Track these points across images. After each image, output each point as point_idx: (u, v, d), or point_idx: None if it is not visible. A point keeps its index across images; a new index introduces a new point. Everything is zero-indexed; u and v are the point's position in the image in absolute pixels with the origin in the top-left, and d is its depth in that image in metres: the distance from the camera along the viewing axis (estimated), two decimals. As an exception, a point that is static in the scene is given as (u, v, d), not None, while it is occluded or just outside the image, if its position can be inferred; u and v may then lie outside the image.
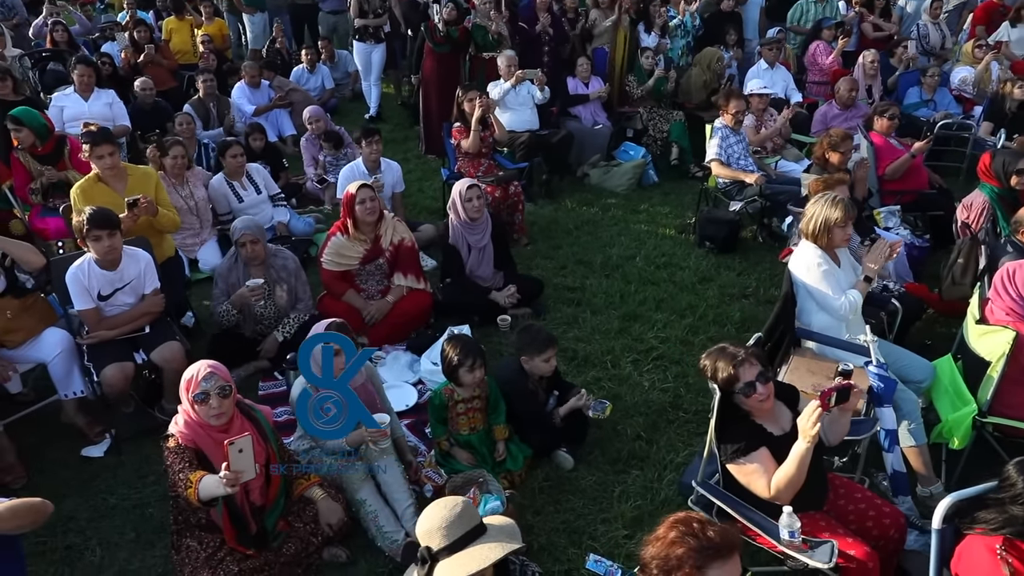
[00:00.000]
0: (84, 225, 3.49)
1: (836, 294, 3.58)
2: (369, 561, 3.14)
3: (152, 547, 3.23)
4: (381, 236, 4.51)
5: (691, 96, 7.33)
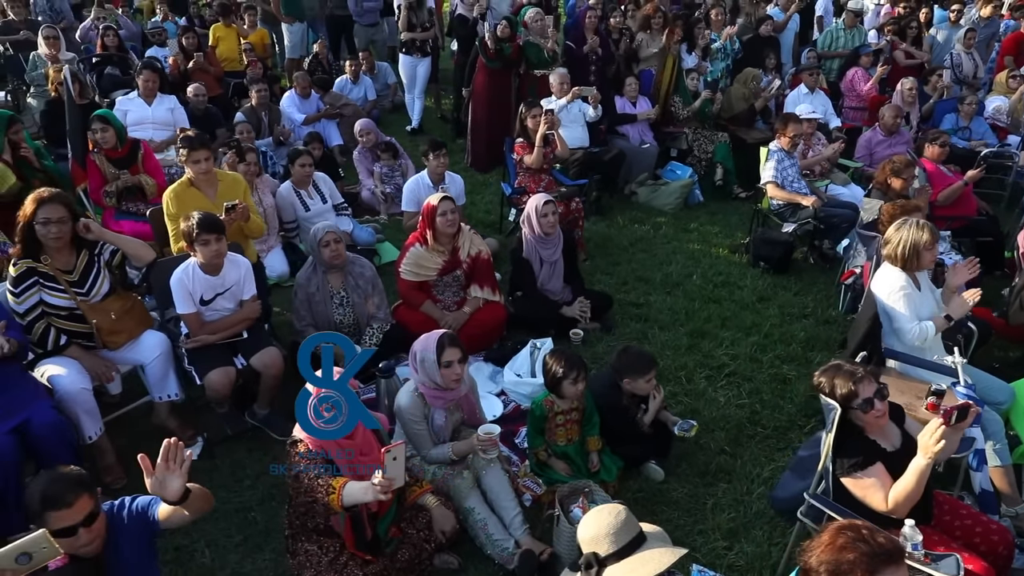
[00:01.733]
0: (193, 229, 3.55)
1: (911, 319, 3.70)
2: (478, 568, 3.20)
3: (260, 550, 3.28)
4: (459, 248, 4.58)
5: (732, 108, 7.45)
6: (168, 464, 2.20)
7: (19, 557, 1.81)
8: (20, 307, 3.43)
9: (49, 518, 2.16)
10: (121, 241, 3.63)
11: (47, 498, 2.17)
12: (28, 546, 1.82)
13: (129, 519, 2.41)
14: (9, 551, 1.82)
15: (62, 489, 2.19)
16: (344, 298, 4.28)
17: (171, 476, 2.20)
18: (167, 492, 2.22)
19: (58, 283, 3.49)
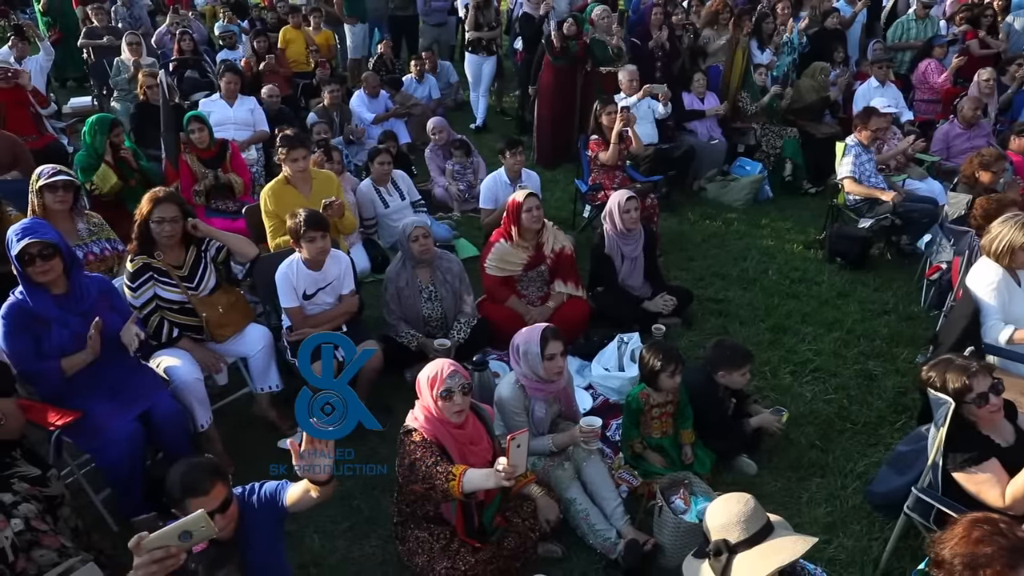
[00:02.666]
0: (300, 226, 3.67)
1: (995, 317, 3.65)
2: (580, 557, 3.26)
3: (367, 537, 3.38)
4: (544, 243, 4.64)
5: (803, 101, 7.37)
6: (315, 446, 2.30)
7: (181, 535, 1.92)
8: (137, 301, 3.59)
9: (189, 504, 2.27)
10: (227, 238, 3.76)
11: (187, 485, 2.29)
12: (189, 525, 1.93)
13: (259, 504, 2.51)
14: (172, 529, 1.93)
15: (200, 477, 2.31)
16: (432, 292, 4.37)
17: (320, 456, 2.30)
18: (316, 474, 2.30)
19: (170, 278, 3.64)
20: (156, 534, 1.92)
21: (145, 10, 9.73)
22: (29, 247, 3.08)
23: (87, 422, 3.15)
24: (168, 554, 1.93)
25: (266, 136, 6.55)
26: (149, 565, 1.91)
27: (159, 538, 1.91)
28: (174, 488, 2.31)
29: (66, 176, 4.02)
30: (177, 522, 1.95)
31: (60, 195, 3.99)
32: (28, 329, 3.16)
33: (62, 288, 3.23)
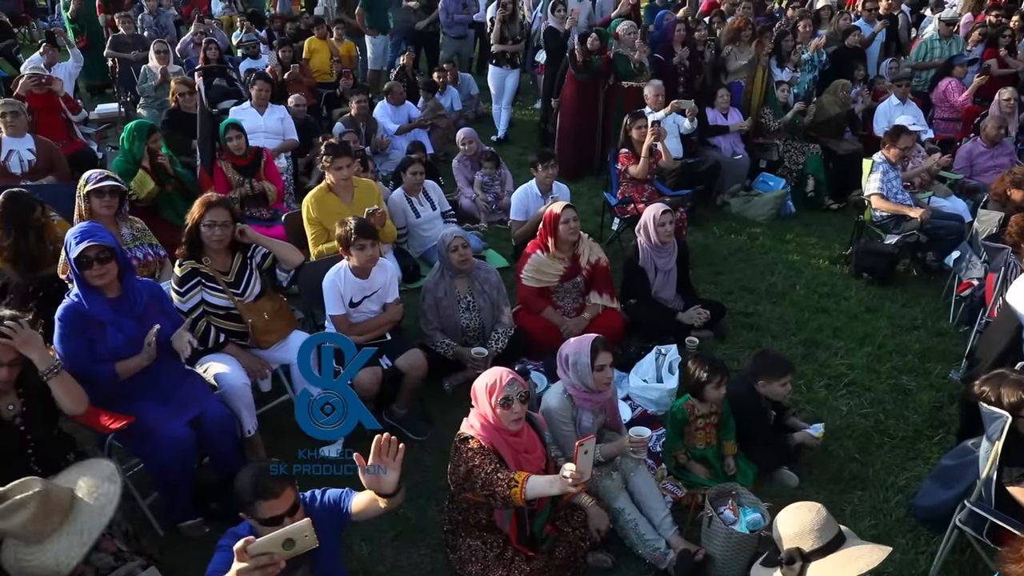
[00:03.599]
0: (351, 234, 3.69)
1: None
2: (630, 567, 3.26)
3: (415, 546, 3.38)
4: (580, 255, 4.67)
5: (825, 115, 7.42)
6: (382, 459, 2.31)
7: (285, 543, 1.94)
8: (184, 305, 3.61)
9: (259, 507, 2.29)
10: (273, 244, 3.79)
11: (258, 489, 2.30)
12: (293, 533, 1.95)
13: (321, 510, 2.52)
14: (277, 536, 1.94)
15: (270, 481, 2.32)
16: (471, 302, 4.39)
17: (387, 470, 2.31)
18: (383, 485, 2.32)
19: (217, 283, 3.66)
20: (261, 541, 1.93)
21: (171, 19, 9.82)
22: (87, 250, 3.11)
23: (139, 426, 3.16)
24: (271, 561, 1.94)
25: (295, 145, 6.59)
26: (252, 572, 1.92)
27: (264, 545, 1.92)
28: (244, 491, 2.32)
29: (113, 182, 4.06)
30: (281, 530, 1.97)
31: (107, 200, 4.02)
32: (83, 332, 3.18)
33: (116, 292, 3.25)
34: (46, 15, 13.77)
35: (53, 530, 2.38)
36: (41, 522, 2.36)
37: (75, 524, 2.41)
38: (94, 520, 2.42)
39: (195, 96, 6.31)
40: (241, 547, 1.93)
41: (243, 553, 1.93)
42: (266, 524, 2.30)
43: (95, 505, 2.47)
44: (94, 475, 2.56)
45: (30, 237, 4.25)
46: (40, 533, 2.36)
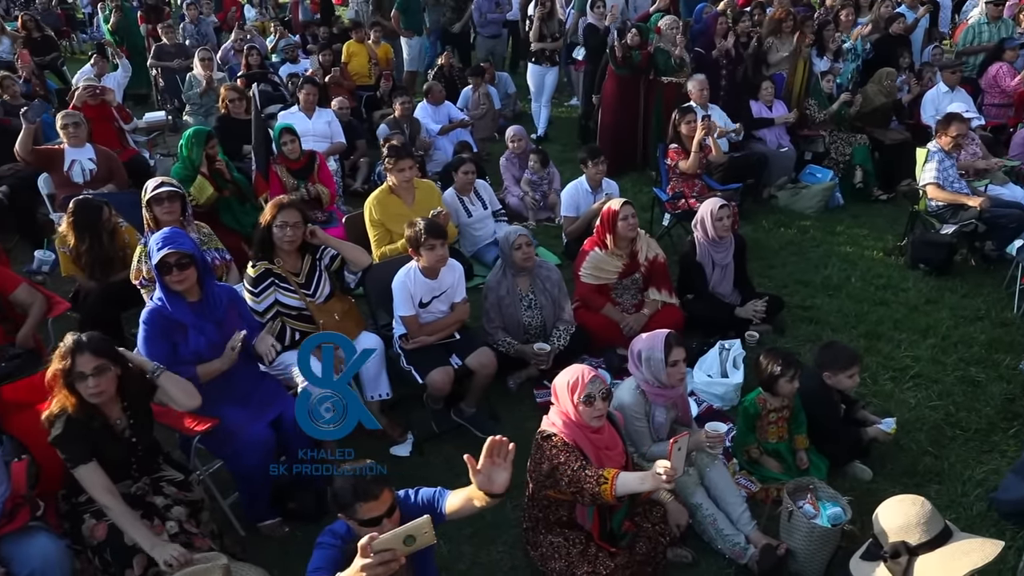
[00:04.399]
0: (421, 234, 3.72)
1: None
2: (709, 562, 3.25)
3: (493, 543, 3.40)
4: (638, 251, 4.66)
5: (871, 105, 7.33)
6: (494, 460, 2.32)
7: (406, 539, 1.97)
8: (259, 306, 3.66)
9: (359, 509, 2.31)
10: (342, 246, 3.83)
11: (358, 491, 2.32)
12: (413, 530, 1.97)
13: (416, 509, 2.53)
14: (399, 533, 1.97)
15: (370, 483, 2.34)
16: (532, 300, 4.40)
17: (498, 471, 2.32)
18: (494, 486, 2.32)
19: (289, 284, 3.71)
20: (384, 537, 1.96)
21: (212, 27, 9.95)
22: (167, 256, 3.17)
23: (222, 428, 3.21)
24: (393, 557, 1.97)
25: (343, 148, 6.66)
26: (375, 567, 1.95)
27: (387, 541, 1.96)
28: (345, 494, 2.34)
29: (170, 187, 4.13)
30: (403, 527, 2.00)
31: (167, 206, 4.10)
32: (167, 335, 3.23)
33: (196, 296, 3.31)
34: (85, 28, 14.03)
35: None
36: None
37: None
38: None
39: (243, 102, 6.40)
40: (365, 543, 1.96)
41: (366, 549, 1.96)
42: (365, 525, 2.32)
43: None
44: (255, 571, 2.76)
45: (103, 240, 4.36)
46: None
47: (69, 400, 2.76)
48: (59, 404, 2.78)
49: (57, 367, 2.73)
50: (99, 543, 2.75)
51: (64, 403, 2.77)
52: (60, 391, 2.77)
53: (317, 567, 2.33)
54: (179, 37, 9.32)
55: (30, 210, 5.97)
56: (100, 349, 2.76)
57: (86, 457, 2.75)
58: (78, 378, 2.72)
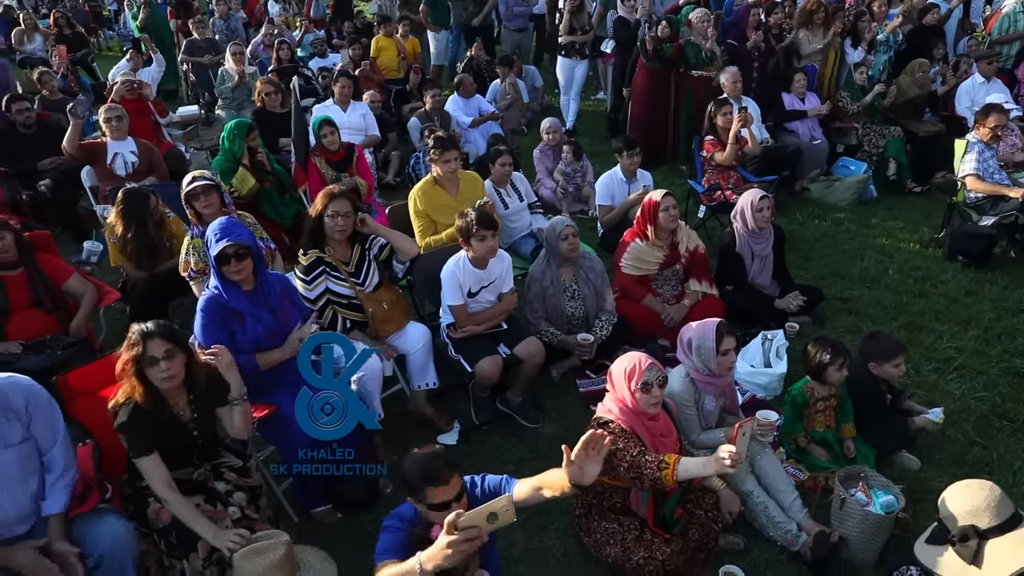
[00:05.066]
0: (472, 225, 3.75)
1: None
2: (762, 549, 3.27)
3: (544, 530, 3.43)
4: (679, 242, 4.67)
5: (905, 94, 7.27)
6: (588, 452, 2.32)
7: (489, 516, 2.00)
8: (311, 293, 3.71)
9: (429, 493, 2.34)
10: (392, 235, 3.86)
11: (428, 475, 2.35)
12: (495, 508, 2.01)
13: (482, 496, 2.55)
14: (481, 511, 2.01)
15: (440, 467, 2.36)
16: (576, 291, 4.42)
17: (590, 463, 2.32)
18: (585, 477, 2.31)
19: (340, 273, 3.76)
20: (469, 514, 2.00)
21: (241, 22, 10.03)
22: (227, 248, 3.21)
23: (277, 415, 3.25)
24: (477, 534, 2.00)
25: (378, 140, 6.70)
26: (461, 543, 1.98)
27: (472, 518, 1.99)
28: (414, 477, 2.37)
29: (203, 181, 4.17)
30: (485, 504, 2.03)
31: (203, 200, 4.15)
32: (225, 323, 3.28)
33: (251, 285, 3.35)
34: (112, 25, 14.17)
35: None
36: (275, 571, 2.55)
37: None
38: None
39: (279, 96, 6.45)
40: (452, 520, 2.00)
41: (452, 526, 1.99)
42: (434, 509, 2.36)
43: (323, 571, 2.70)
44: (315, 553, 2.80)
45: (150, 229, 4.43)
46: None
47: (137, 389, 2.80)
48: (126, 393, 2.82)
49: (128, 355, 2.78)
50: (164, 526, 2.80)
51: (132, 392, 2.81)
52: (129, 379, 2.81)
53: (386, 549, 2.37)
54: (209, 32, 9.40)
55: (71, 203, 6.06)
56: (168, 334, 2.80)
57: (148, 448, 2.80)
58: (149, 363, 2.76)
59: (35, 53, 9.86)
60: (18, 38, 9.94)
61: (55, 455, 2.73)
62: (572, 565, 3.24)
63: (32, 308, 4.04)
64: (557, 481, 2.38)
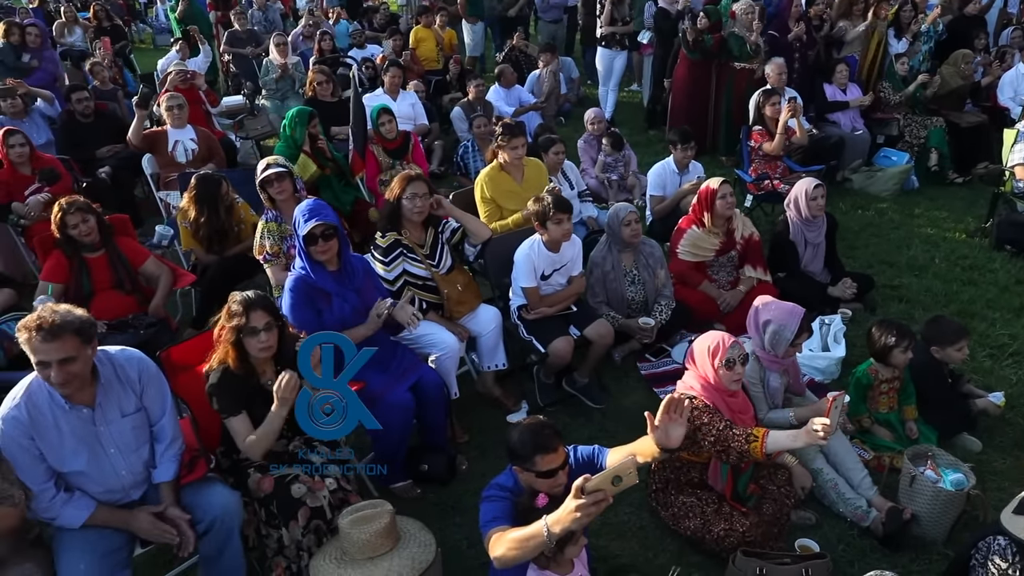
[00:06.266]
0: (549, 208, 3.85)
1: None
2: (832, 525, 3.36)
3: (619, 504, 3.48)
4: (735, 230, 4.76)
5: (947, 84, 7.30)
6: (671, 415, 2.43)
7: (614, 479, 2.10)
8: (389, 275, 3.82)
9: (537, 461, 2.45)
10: (465, 218, 3.97)
11: (538, 443, 2.45)
12: (620, 471, 2.10)
13: (576, 465, 2.65)
14: (607, 474, 2.10)
15: (549, 437, 2.47)
16: (635, 276, 4.51)
17: (674, 426, 2.43)
18: (671, 440, 2.43)
19: (416, 255, 3.86)
20: (596, 478, 2.09)
21: (279, 13, 10.15)
22: (315, 228, 3.32)
23: (366, 391, 3.34)
24: (604, 497, 2.10)
25: (427, 129, 6.80)
26: (589, 507, 2.09)
27: (598, 482, 2.08)
28: (524, 446, 2.47)
29: (277, 168, 4.28)
30: (610, 468, 2.11)
31: (277, 186, 4.27)
32: (312, 302, 3.40)
33: (336, 265, 3.47)
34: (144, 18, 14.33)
35: (384, 552, 2.68)
36: (381, 539, 2.67)
37: (406, 552, 2.71)
38: (422, 555, 2.71)
39: (330, 85, 6.56)
40: (580, 485, 2.09)
41: (580, 490, 2.09)
42: (541, 477, 2.46)
43: (423, 540, 2.78)
44: (413, 523, 2.89)
45: (220, 213, 4.55)
46: (375, 550, 2.67)
47: (231, 355, 2.93)
48: (219, 359, 2.96)
49: (230, 324, 2.91)
50: (266, 495, 2.91)
51: (225, 357, 2.94)
52: (224, 346, 2.94)
53: (495, 516, 2.44)
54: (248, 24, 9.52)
55: (129, 189, 6.21)
56: (269, 306, 2.94)
57: (237, 409, 2.92)
58: (250, 333, 2.89)
59: (75, 45, 10.00)
60: (59, 31, 10.08)
61: (164, 425, 2.86)
62: (649, 538, 3.34)
63: (113, 289, 4.18)
64: (647, 448, 2.50)
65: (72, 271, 4.09)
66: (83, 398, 2.64)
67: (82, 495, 2.69)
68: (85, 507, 2.66)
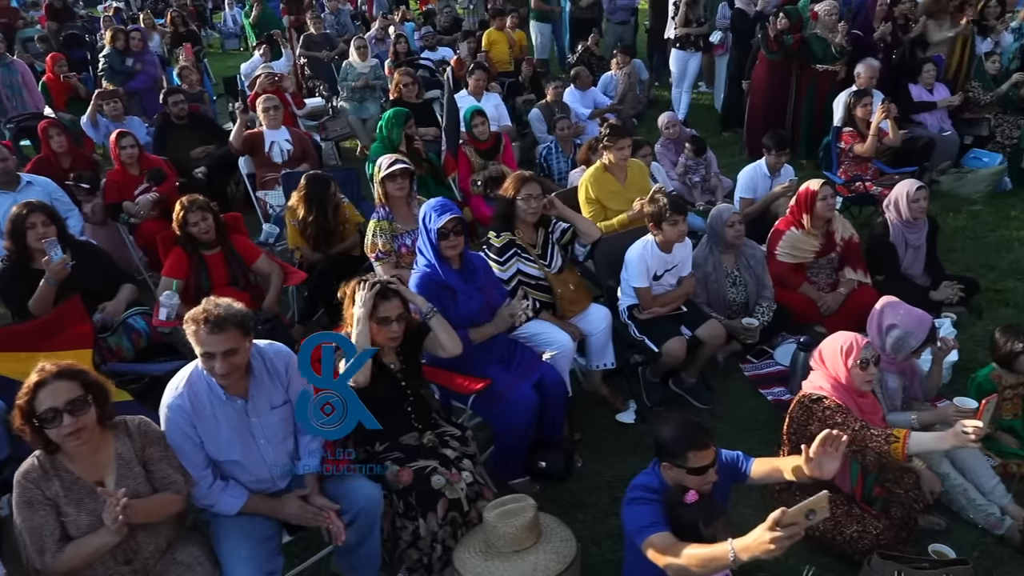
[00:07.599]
0: (665, 209, 3.86)
1: None
2: (963, 531, 3.30)
3: (736, 505, 3.44)
4: (834, 232, 4.71)
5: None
6: (826, 448, 2.45)
7: (808, 513, 2.10)
8: (504, 274, 3.87)
9: (690, 457, 2.47)
10: (576, 219, 4.01)
11: (692, 440, 2.48)
12: (814, 504, 2.10)
13: (720, 468, 2.67)
14: (801, 507, 2.10)
15: (702, 435, 2.50)
16: (737, 277, 4.50)
17: (829, 459, 2.47)
18: (824, 473, 2.47)
19: (529, 255, 3.91)
20: (792, 511, 2.10)
21: (348, 16, 10.33)
22: (448, 223, 3.39)
23: (491, 388, 3.40)
24: (798, 530, 2.11)
25: (511, 130, 6.85)
26: (784, 540, 2.10)
27: (793, 515, 2.09)
28: (678, 442, 2.49)
29: (402, 164, 4.36)
30: (805, 502, 2.10)
31: (399, 182, 4.33)
32: (437, 298, 3.44)
33: (459, 264, 3.53)
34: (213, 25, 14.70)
35: (528, 546, 2.72)
36: (526, 533, 2.71)
37: (549, 546, 2.74)
38: (565, 549, 2.74)
39: (415, 87, 6.66)
40: (777, 518, 2.11)
41: (775, 523, 2.11)
42: (692, 473, 2.48)
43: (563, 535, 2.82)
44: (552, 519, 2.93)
45: (328, 213, 4.65)
46: (520, 543, 2.71)
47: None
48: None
49: (361, 309, 3.03)
50: (404, 487, 2.97)
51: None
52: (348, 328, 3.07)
53: (652, 522, 2.45)
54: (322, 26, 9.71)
55: (223, 189, 6.38)
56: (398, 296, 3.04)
57: None
58: (383, 323, 3.00)
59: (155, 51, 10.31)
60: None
61: None
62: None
63: (229, 286, 4.29)
64: (796, 468, 2.53)
65: (192, 267, 4.22)
66: (238, 390, 2.74)
67: (236, 484, 2.78)
68: (240, 495, 2.76)
